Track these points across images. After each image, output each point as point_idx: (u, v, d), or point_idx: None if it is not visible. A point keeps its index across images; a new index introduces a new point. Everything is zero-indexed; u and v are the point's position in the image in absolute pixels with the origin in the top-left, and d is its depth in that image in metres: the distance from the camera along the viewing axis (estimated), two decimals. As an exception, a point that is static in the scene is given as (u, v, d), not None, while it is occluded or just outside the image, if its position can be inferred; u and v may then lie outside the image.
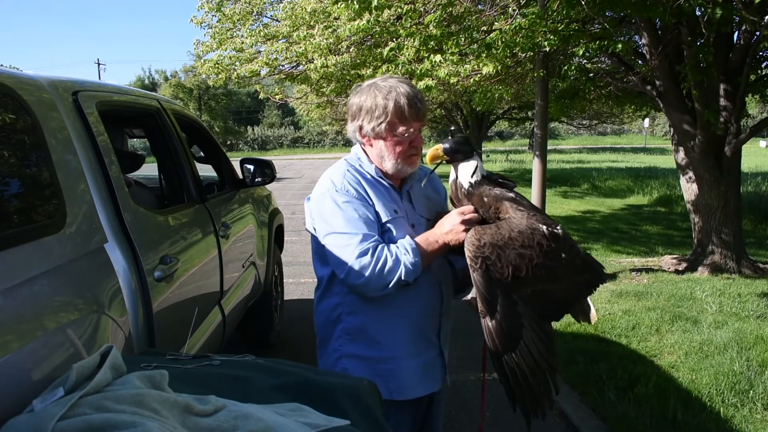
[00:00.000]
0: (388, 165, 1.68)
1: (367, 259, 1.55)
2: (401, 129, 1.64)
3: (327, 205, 1.63)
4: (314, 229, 1.70)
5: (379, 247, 1.58)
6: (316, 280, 1.79)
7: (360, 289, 1.60)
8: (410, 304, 1.69)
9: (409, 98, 1.62)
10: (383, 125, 1.63)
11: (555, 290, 1.56)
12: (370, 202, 1.65)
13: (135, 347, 1.71)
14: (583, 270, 1.62)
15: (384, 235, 1.65)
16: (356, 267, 1.56)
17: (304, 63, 7.31)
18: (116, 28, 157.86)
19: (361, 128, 1.67)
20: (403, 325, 1.69)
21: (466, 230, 1.58)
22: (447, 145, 1.64)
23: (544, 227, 1.56)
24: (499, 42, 4.82)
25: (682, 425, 2.91)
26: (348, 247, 1.57)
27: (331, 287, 1.71)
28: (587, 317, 1.71)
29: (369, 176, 1.70)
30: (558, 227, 1.59)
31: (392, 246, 1.60)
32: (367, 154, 1.73)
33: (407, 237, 1.63)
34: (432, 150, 1.67)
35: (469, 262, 1.52)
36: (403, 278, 1.56)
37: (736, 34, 5.62)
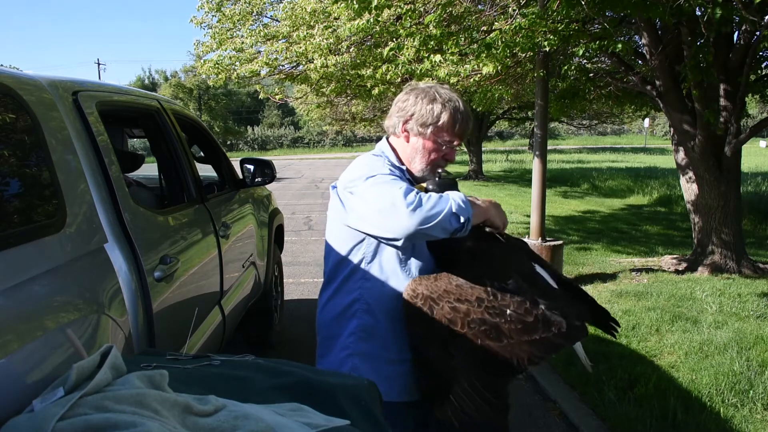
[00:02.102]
0: (417, 166, 1.72)
1: (412, 195, 1.48)
2: (445, 138, 1.69)
3: (369, 171, 1.60)
4: (342, 206, 1.66)
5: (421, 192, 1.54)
6: (316, 280, 1.78)
7: (404, 222, 1.45)
8: None
9: (462, 115, 1.68)
10: (431, 127, 1.67)
11: (500, 348, 1.46)
12: None
13: (135, 347, 1.71)
14: (540, 329, 1.49)
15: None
16: (398, 200, 1.46)
17: (304, 63, 7.30)
18: (116, 28, 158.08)
19: (407, 121, 1.69)
20: None
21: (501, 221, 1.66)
22: (431, 187, 1.62)
23: (489, 281, 1.52)
24: (499, 42, 4.81)
25: (682, 425, 2.91)
26: (388, 190, 1.51)
27: (347, 283, 1.70)
28: (583, 364, 1.70)
29: (399, 172, 1.71)
30: (509, 282, 1.53)
31: None
32: (395, 153, 1.74)
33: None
34: (416, 188, 1.63)
35: (403, 310, 1.55)
36: (454, 210, 1.48)
37: (736, 34, 5.62)
